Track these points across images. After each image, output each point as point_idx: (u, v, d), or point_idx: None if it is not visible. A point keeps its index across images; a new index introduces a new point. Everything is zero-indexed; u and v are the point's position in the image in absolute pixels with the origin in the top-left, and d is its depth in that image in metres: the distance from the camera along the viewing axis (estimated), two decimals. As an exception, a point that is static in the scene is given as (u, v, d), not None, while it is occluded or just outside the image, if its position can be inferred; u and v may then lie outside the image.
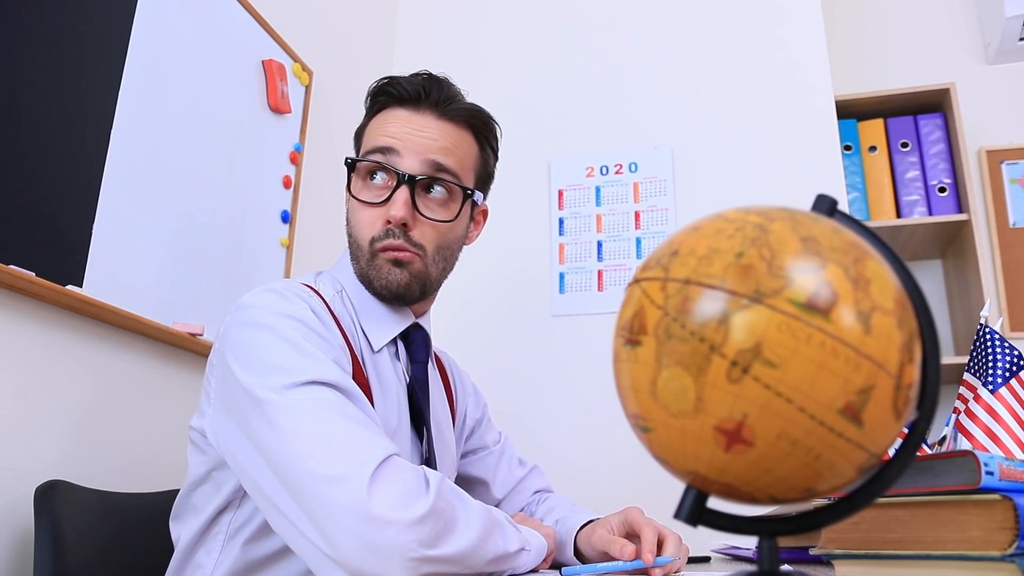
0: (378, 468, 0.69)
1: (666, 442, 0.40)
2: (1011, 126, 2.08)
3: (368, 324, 0.97)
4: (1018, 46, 2.05)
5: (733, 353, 0.37)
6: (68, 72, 1.05)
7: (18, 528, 0.94)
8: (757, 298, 0.37)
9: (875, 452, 0.39)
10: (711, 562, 1.15)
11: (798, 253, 0.38)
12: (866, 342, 0.37)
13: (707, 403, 0.38)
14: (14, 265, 0.95)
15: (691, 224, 0.44)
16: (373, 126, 1.00)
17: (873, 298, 0.38)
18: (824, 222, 0.41)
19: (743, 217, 0.41)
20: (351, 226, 0.98)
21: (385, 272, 0.94)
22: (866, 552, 0.55)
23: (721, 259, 0.39)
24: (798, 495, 0.40)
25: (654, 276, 0.42)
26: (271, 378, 0.76)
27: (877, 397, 0.37)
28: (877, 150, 1.97)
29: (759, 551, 0.43)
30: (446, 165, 0.96)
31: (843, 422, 0.37)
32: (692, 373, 0.38)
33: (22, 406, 0.99)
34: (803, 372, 0.36)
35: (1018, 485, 0.48)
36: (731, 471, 0.39)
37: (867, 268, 0.39)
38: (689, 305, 0.39)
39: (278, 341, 0.80)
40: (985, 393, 0.89)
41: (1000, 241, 1.99)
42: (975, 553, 0.48)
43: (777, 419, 0.37)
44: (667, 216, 1.83)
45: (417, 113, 0.98)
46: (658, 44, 1.97)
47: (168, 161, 1.24)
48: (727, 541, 1.27)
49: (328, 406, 0.74)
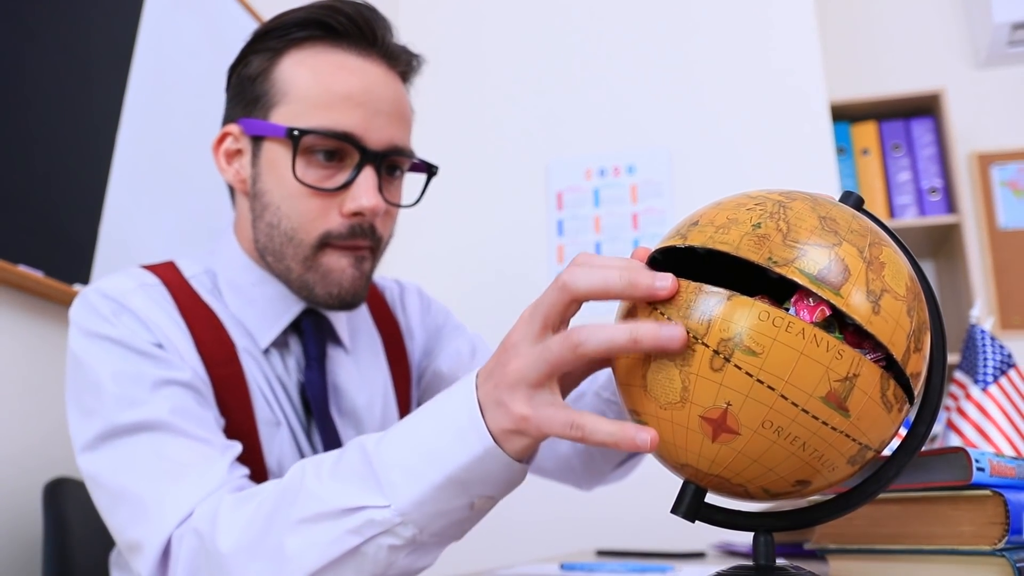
0: (171, 538, 0.60)
1: (659, 435, 0.41)
2: (1001, 130, 2.10)
3: (248, 318, 0.78)
4: (1007, 52, 2.08)
5: (715, 342, 0.38)
6: (76, 75, 1.06)
7: (26, 524, 0.95)
8: (767, 267, 0.38)
9: (866, 444, 0.39)
10: (706, 558, 1.16)
11: (814, 229, 0.39)
12: (873, 321, 0.37)
13: (692, 393, 0.38)
14: (22, 264, 0.96)
15: (715, 201, 0.44)
16: (302, 76, 0.74)
17: (886, 281, 0.38)
18: (845, 208, 0.41)
19: (765, 195, 0.42)
20: (284, 216, 0.74)
21: (338, 276, 0.75)
22: (859, 547, 0.55)
23: (738, 228, 0.40)
24: (790, 487, 0.40)
25: (671, 244, 0.43)
26: (79, 433, 0.68)
27: (862, 385, 0.37)
28: (870, 153, 1.99)
29: (755, 546, 0.44)
30: (408, 137, 0.79)
31: (827, 410, 0.37)
32: (678, 364, 0.39)
33: (30, 403, 1.00)
34: (784, 359, 0.36)
35: (1008, 481, 0.49)
36: (720, 462, 0.39)
37: (882, 253, 0.39)
38: (676, 298, 0.40)
39: (83, 377, 0.69)
40: (976, 391, 0.90)
41: (990, 243, 2.02)
42: (966, 548, 0.48)
43: (760, 407, 0.37)
44: (664, 218, 1.84)
45: (367, 60, 0.76)
46: (656, 48, 1.99)
47: (174, 162, 1.25)
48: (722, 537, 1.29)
49: (133, 458, 0.64)
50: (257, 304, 0.79)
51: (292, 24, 0.76)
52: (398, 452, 0.51)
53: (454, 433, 0.49)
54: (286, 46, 0.76)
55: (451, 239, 1.99)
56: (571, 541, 1.66)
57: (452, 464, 0.49)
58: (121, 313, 0.71)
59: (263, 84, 0.76)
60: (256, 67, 0.77)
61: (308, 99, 0.73)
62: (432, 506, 0.50)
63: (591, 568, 0.84)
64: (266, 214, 0.76)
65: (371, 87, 0.75)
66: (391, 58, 0.78)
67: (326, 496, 0.52)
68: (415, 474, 0.50)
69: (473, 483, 0.49)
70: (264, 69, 0.76)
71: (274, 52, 0.76)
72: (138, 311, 0.71)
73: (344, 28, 0.75)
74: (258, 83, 0.76)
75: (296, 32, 0.75)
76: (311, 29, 0.75)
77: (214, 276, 0.80)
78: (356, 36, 0.76)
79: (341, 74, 0.74)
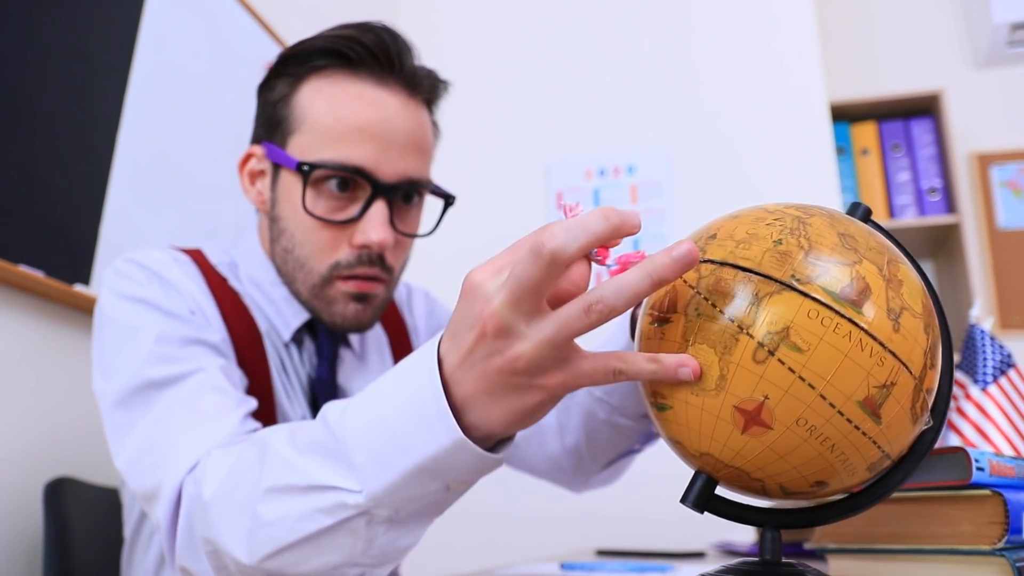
0: (181, 484, 0.61)
1: (683, 421, 0.40)
2: (1000, 130, 2.10)
3: (269, 312, 0.81)
4: (1007, 52, 2.08)
5: (761, 334, 0.37)
6: (76, 75, 1.06)
7: (27, 524, 0.95)
8: (790, 284, 0.38)
9: (887, 452, 0.39)
10: (706, 558, 1.16)
11: (835, 247, 0.39)
12: (894, 339, 0.37)
13: (730, 382, 0.38)
14: (23, 264, 0.96)
15: (729, 213, 0.44)
16: (318, 106, 0.74)
17: (904, 299, 0.39)
18: (860, 224, 0.42)
19: (782, 210, 0.42)
20: (297, 244, 0.76)
21: (341, 307, 0.77)
22: (859, 547, 0.55)
23: (759, 244, 0.39)
24: (808, 487, 0.40)
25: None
26: (108, 389, 0.69)
27: (897, 395, 0.37)
28: (869, 153, 1.99)
29: (762, 542, 0.43)
30: (425, 166, 0.79)
31: (861, 415, 0.37)
32: (718, 352, 0.38)
33: (31, 403, 1.00)
34: (828, 360, 0.37)
35: (1008, 481, 0.49)
36: (745, 454, 0.39)
37: (899, 271, 0.40)
38: (722, 286, 0.39)
39: (115, 334, 0.71)
40: (975, 391, 0.90)
41: (990, 243, 2.02)
42: (966, 547, 0.48)
43: (797, 403, 0.37)
44: (663, 218, 1.85)
45: (385, 90, 0.75)
46: (656, 49, 1.99)
47: (174, 163, 1.25)
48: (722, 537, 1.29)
49: (160, 411, 0.66)
50: (275, 302, 0.81)
51: (313, 52, 0.76)
52: (363, 432, 0.48)
53: (419, 421, 0.46)
54: (307, 73, 0.77)
55: (451, 239, 1.99)
56: (571, 541, 1.66)
57: (420, 454, 0.46)
58: (154, 279, 0.73)
59: (283, 110, 0.77)
60: (278, 92, 0.78)
61: (322, 131, 0.74)
62: (405, 492, 0.48)
63: (591, 568, 0.84)
64: (282, 239, 0.78)
65: (386, 118, 0.75)
66: (412, 85, 0.78)
67: (296, 463, 0.51)
68: (383, 461, 0.47)
69: (445, 471, 0.47)
70: (285, 95, 0.77)
71: (295, 79, 0.77)
72: (172, 280, 0.73)
73: (362, 57, 0.75)
74: (279, 108, 0.77)
75: (316, 60, 0.76)
76: (330, 58, 0.75)
77: (236, 268, 0.82)
78: (374, 64, 0.76)
79: (356, 105, 0.74)
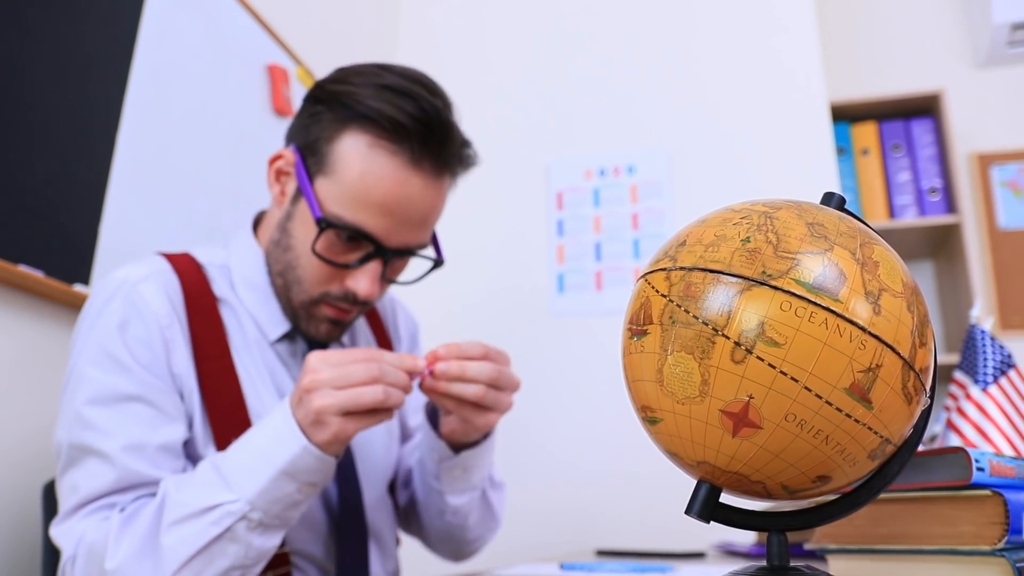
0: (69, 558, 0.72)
1: (674, 432, 0.40)
2: (1001, 130, 2.10)
3: (260, 312, 0.86)
4: (1007, 52, 2.08)
5: (736, 334, 0.37)
6: (76, 75, 1.06)
7: (26, 525, 0.95)
8: (760, 280, 0.37)
9: (887, 437, 0.38)
10: (706, 558, 1.16)
11: (804, 237, 0.38)
12: (875, 321, 0.37)
13: (713, 386, 0.37)
14: (23, 264, 0.96)
15: (698, 218, 0.43)
16: (353, 167, 0.79)
17: (882, 280, 0.38)
18: (830, 211, 0.41)
19: (749, 207, 0.41)
20: (300, 266, 0.83)
21: (317, 325, 0.86)
22: (859, 547, 0.55)
23: (728, 245, 0.39)
24: (810, 483, 0.39)
25: (660, 267, 0.41)
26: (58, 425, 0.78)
27: (885, 377, 0.37)
28: (869, 153, 1.99)
29: (769, 546, 0.43)
30: (428, 234, 0.86)
31: (851, 402, 0.36)
32: (697, 357, 0.38)
33: (31, 403, 1.00)
34: (807, 350, 0.36)
35: (1008, 481, 0.49)
36: (740, 458, 0.38)
37: (874, 252, 0.39)
38: (693, 290, 0.39)
39: (69, 372, 0.78)
40: (975, 391, 0.90)
41: (990, 243, 2.02)
42: (966, 548, 0.48)
43: (783, 399, 0.36)
44: (663, 217, 1.85)
45: (415, 170, 0.80)
46: (656, 49, 1.99)
47: (174, 163, 1.25)
48: (722, 537, 1.29)
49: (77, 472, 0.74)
50: (270, 301, 0.87)
51: (366, 105, 0.78)
52: (238, 458, 0.69)
53: (277, 440, 0.69)
54: (354, 121, 0.79)
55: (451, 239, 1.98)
56: (571, 541, 1.66)
57: (280, 461, 0.68)
58: (114, 299, 0.78)
59: (324, 145, 0.81)
60: (323, 127, 0.81)
61: (348, 191, 0.79)
62: (270, 494, 0.68)
63: (591, 568, 0.84)
64: (288, 254, 0.85)
65: (407, 197, 0.80)
66: (443, 165, 0.83)
67: (188, 500, 0.67)
68: (254, 471, 0.68)
69: (298, 473, 0.69)
70: (328, 136, 0.81)
71: (341, 123, 0.80)
72: (138, 304, 0.78)
73: (408, 133, 0.78)
74: (321, 141, 0.81)
75: (366, 113, 0.78)
76: (380, 118, 0.78)
77: (228, 271, 0.87)
78: (415, 144, 0.79)
79: (385, 182, 0.79)
